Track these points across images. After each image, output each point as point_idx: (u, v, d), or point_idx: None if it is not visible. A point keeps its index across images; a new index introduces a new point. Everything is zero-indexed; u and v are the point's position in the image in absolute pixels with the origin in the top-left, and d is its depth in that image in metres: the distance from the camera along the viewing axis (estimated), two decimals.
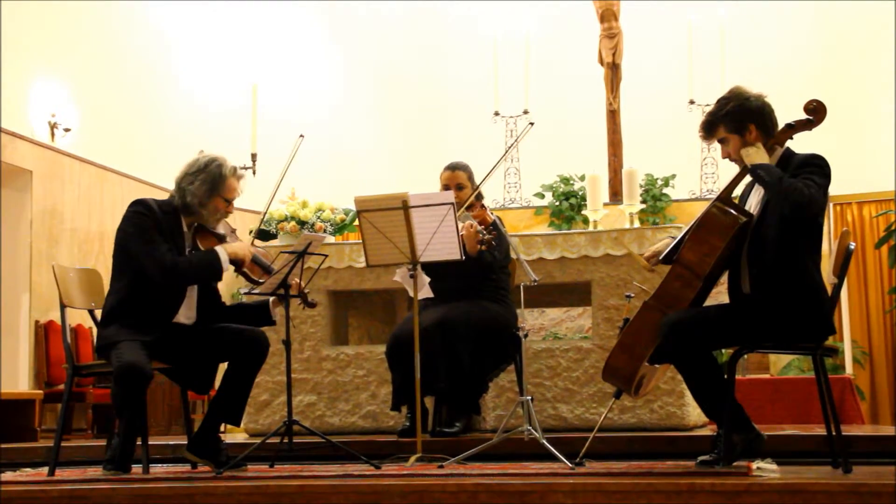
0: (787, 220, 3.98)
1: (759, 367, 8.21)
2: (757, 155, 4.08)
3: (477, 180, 5.61)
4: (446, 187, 5.53)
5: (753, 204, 4.20)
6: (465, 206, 5.32)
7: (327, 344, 6.17)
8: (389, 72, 11.96)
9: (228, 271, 4.59)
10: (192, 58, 11.14)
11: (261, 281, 4.68)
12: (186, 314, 4.60)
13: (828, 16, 11.01)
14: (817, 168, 4.01)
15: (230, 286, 9.02)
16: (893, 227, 8.62)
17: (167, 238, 4.49)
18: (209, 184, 4.53)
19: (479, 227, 5.09)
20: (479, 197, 5.50)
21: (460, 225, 4.96)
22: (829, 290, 4.15)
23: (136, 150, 10.06)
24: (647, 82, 10.95)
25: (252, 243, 4.70)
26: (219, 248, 4.51)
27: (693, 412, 5.64)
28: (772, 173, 3.99)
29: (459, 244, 4.79)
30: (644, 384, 4.39)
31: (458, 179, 5.55)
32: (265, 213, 4.93)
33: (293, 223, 6.58)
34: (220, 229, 4.66)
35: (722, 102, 4.20)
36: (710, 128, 4.23)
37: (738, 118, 4.14)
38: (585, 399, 5.79)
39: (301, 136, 4.82)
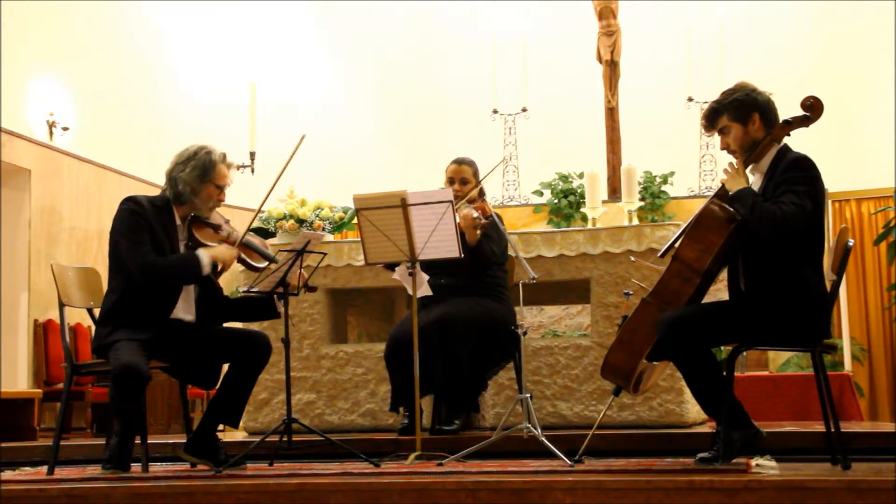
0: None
1: (757, 364, 8.22)
2: (733, 181, 4.10)
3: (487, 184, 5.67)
4: (451, 180, 5.56)
5: None
6: (466, 198, 5.35)
7: (326, 342, 6.17)
8: (388, 70, 11.95)
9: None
10: (191, 56, 11.13)
11: (261, 266, 4.67)
12: (185, 310, 4.58)
13: (826, 14, 11.00)
14: (800, 174, 4.03)
15: (229, 284, 9.02)
16: (892, 224, 8.62)
17: (159, 232, 4.48)
18: (200, 170, 4.53)
19: (477, 214, 5.12)
20: (482, 193, 5.54)
21: (458, 215, 4.96)
22: (828, 286, 4.16)
23: (135, 149, 10.05)
24: (646, 80, 10.94)
25: (241, 242, 4.65)
26: (201, 251, 4.47)
27: (692, 409, 5.65)
28: (745, 203, 4.02)
29: (458, 242, 4.79)
30: (643, 381, 4.40)
31: (463, 174, 5.56)
32: (259, 210, 4.84)
33: (292, 221, 6.58)
34: (215, 220, 4.65)
35: (728, 92, 4.24)
36: (713, 115, 4.24)
37: (743, 107, 4.17)
38: (584, 396, 5.80)
39: (303, 136, 4.75)
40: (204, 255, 4.46)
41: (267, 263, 4.70)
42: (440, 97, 11.78)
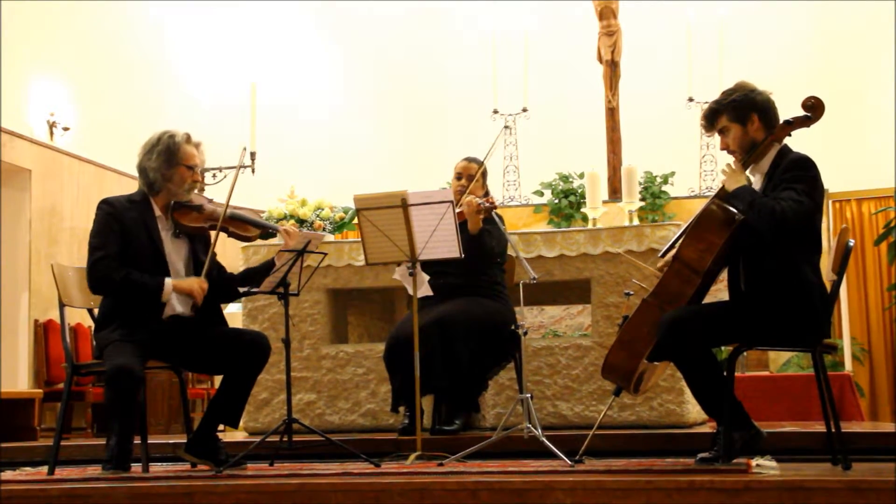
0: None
1: (758, 364, 8.21)
2: (732, 180, 4.10)
3: (489, 183, 5.77)
4: (458, 175, 5.64)
5: None
6: (469, 190, 5.48)
7: (327, 342, 6.17)
8: (389, 70, 11.95)
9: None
10: (191, 56, 11.14)
11: (252, 235, 4.71)
12: (181, 302, 4.55)
13: (826, 14, 11.01)
14: (800, 173, 4.03)
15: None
16: (892, 224, 8.62)
17: (135, 228, 4.48)
18: (165, 154, 4.58)
19: (480, 200, 5.19)
20: (487, 193, 5.64)
21: (462, 204, 5.02)
22: (829, 287, 4.16)
23: (135, 149, 10.01)
24: (646, 80, 10.95)
25: (225, 215, 4.65)
26: (168, 280, 4.44)
27: (692, 409, 5.65)
28: (744, 199, 4.02)
29: (458, 241, 4.79)
30: (644, 381, 4.39)
31: (471, 171, 5.63)
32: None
33: (292, 221, 6.57)
34: (197, 201, 4.65)
35: (727, 92, 4.24)
36: (712, 116, 4.24)
37: (742, 107, 4.16)
38: (585, 397, 5.80)
39: (244, 148, 4.74)
40: (168, 284, 4.42)
41: (259, 231, 4.71)
42: (440, 97, 11.79)
